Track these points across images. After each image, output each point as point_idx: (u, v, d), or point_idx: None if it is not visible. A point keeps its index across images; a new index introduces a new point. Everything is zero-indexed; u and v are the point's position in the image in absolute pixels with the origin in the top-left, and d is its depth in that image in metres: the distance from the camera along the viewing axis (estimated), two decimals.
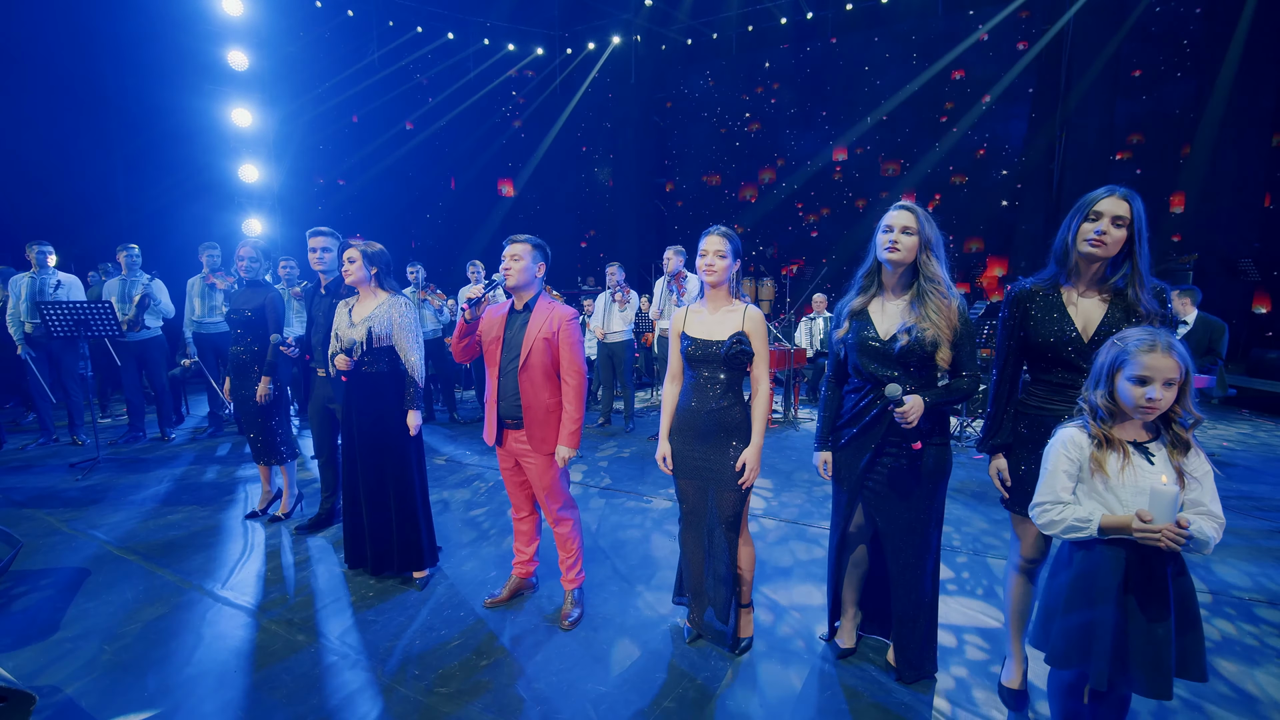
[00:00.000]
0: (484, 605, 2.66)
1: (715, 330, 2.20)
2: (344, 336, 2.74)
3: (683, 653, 2.33)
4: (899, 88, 11.25)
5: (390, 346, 2.74)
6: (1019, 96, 10.51)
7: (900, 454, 2.05)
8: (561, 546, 2.58)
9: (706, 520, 2.32)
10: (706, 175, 13.49)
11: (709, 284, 2.24)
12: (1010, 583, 2.09)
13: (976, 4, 10.43)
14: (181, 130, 8.87)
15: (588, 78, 13.43)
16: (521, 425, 2.42)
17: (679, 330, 2.30)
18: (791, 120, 12.52)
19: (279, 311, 3.45)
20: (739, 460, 2.18)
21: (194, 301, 5.27)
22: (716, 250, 2.18)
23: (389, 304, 2.75)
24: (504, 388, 2.43)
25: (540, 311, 2.43)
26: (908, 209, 2.00)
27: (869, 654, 2.33)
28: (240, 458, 4.93)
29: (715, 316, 2.23)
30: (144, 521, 3.61)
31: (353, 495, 2.85)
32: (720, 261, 2.18)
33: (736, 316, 2.20)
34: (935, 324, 1.94)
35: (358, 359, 2.70)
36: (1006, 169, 10.88)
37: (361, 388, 2.75)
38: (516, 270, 2.39)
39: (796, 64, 12.35)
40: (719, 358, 2.17)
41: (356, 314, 2.77)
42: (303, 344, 3.37)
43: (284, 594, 2.76)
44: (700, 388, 2.22)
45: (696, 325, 2.25)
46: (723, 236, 2.20)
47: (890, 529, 2.11)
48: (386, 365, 2.75)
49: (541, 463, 2.44)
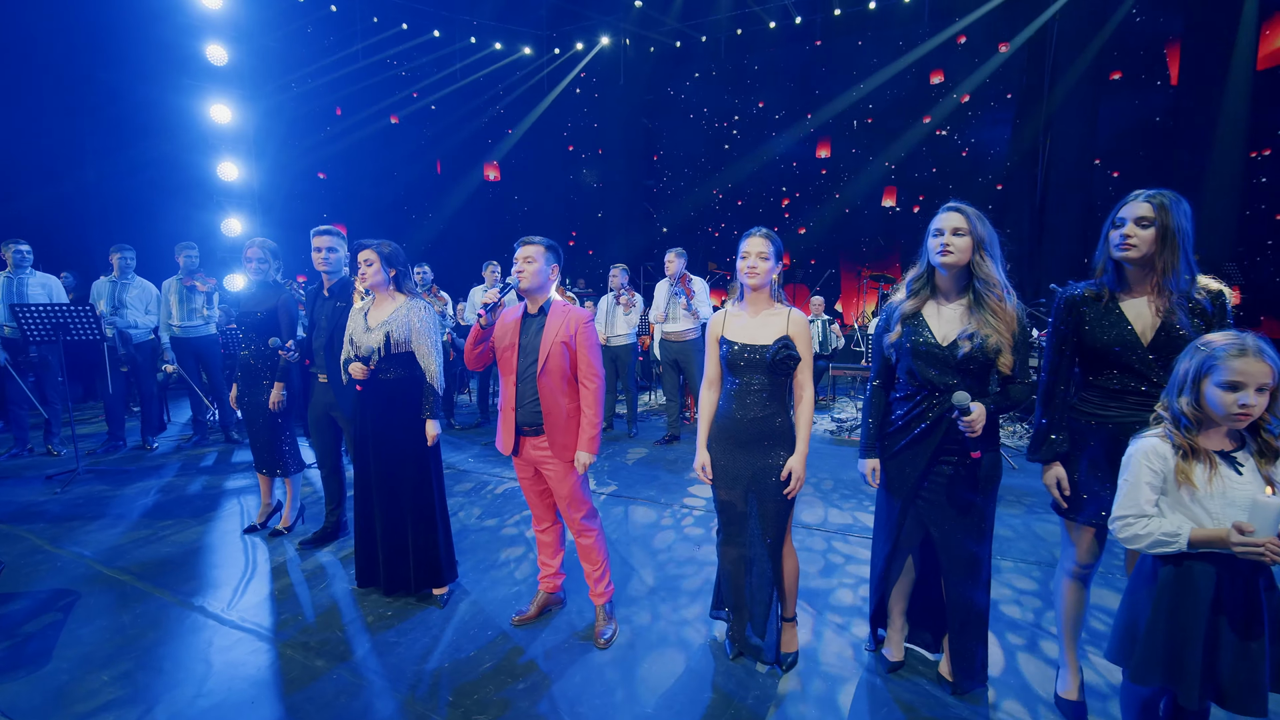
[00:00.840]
0: (512, 623, 2.54)
1: (758, 334, 2.12)
2: (360, 342, 2.60)
3: (726, 670, 2.25)
4: (885, 91, 11.40)
5: (409, 353, 2.61)
6: (1003, 102, 10.70)
7: (957, 462, 2.00)
8: (587, 559, 2.47)
9: (747, 532, 2.24)
10: (695, 177, 13.47)
11: (750, 286, 2.16)
12: (1063, 590, 2.05)
13: (963, 11, 10.58)
14: (157, 127, 8.53)
15: (576, 78, 13.33)
16: (541, 432, 2.32)
17: (717, 335, 2.22)
18: (779, 123, 12.58)
19: (292, 315, 3.28)
20: (785, 469, 2.10)
21: (171, 305, 5.02)
22: (759, 252, 2.11)
23: (408, 307, 2.61)
24: (522, 394, 2.33)
25: (556, 314, 2.33)
26: (957, 210, 1.95)
27: (917, 666, 2.27)
28: (230, 467, 4.71)
29: (757, 320, 2.15)
30: (133, 537, 3.40)
31: (366, 509, 2.71)
32: (763, 264, 2.11)
33: (780, 320, 2.12)
34: (996, 328, 1.88)
35: (375, 366, 2.56)
36: (991, 173, 11.06)
37: (377, 396, 2.61)
38: (530, 273, 2.29)
39: (785, 67, 12.41)
40: (763, 363, 2.09)
41: (373, 318, 2.63)
42: (303, 348, 3.20)
43: (296, 615, 2.60)
44: (742, 394, 2.14)
45: (737, 329, 2.17)
46: (764, 238, 2.12)
47: (945, 538, 2.05)
48: (405, 372, 2.62)
49: (562, 470, 2.34)
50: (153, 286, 5.10)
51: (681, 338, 5.06)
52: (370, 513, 2.69)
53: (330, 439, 3.24)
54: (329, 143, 11.06)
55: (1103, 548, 1.95)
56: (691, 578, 2.96)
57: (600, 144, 13.83)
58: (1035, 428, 2.02)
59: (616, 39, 12.70)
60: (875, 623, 2.34)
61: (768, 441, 2.13)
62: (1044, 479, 1.99)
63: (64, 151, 8.50)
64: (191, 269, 5.00)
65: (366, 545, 2.73)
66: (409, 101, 12.21)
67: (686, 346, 5.06)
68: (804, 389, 2.14)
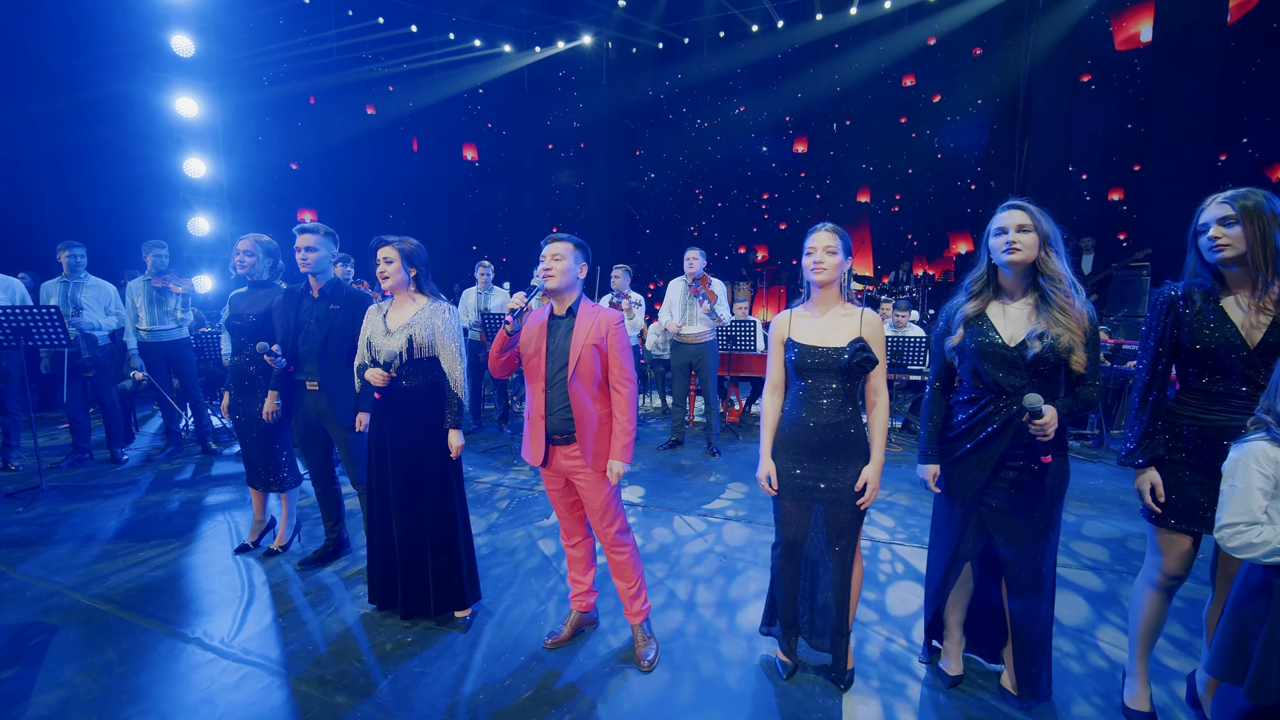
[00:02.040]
0: (545, 647, 2.36)
1: (829, 336, 2.01)
2: (380, 347, 2.40)
3: (784, 691, 2.12)
4: (865, 95, 11.55)
5: (432, 358, 2.42)
6: (983, 106, 10.91)
7: (1023, 467, 1.92)
8: (621, 575, 2.32)
9: (808, 544, 2.13)
10: (676, 177, 13.42)
11: (818, 283, 2.04)
12: (1144, 599, 1.98)
13: (942, 18, 10.76)
14: (119, 120, 8.05)
15: (557, 77, 13.15)
16: (573, 440, 2.17)
17: (783, 336, 2.10)
18: (760, 125, 12.64)
19: (286, 318, 3.04)
20: (860, 479, 2.00)
21: (138, 308, 4.68)
22: (825, 246, 2.00)
23: (430, 309, 2.43)
24: (551, 401, 2.17)
25: (585, 316, 2.18)
26: (1020, 207, 1.88)
27: (976, 679, 2.18)
28: (211, 480, 4.40)
29: (827, 320, 2.04)
30: (112, 561, 3.11)
31: (383, 527, 2.50)
32: (830, 258, 1.99)
33: (853, 321, 2.01)
34: (1067, 326, 1.81)
35: (395, 372, 2.37)
36: (969, 176, 11.27)
37: (397, 404, 2.42)
38: (559, 271, 2.14)
39: (767, 70, 12.47)
40: (837, 367, 1.97)
41: (393, 320, 2.44)
42: (288, 353, 2.95)
43: (307, 645, 2.38)
44: (812, 400, 2.02)
45: (806, 331, 2.05)
46: (831, 232, 2.01)
47: (1011, 546, 1.97)
48: (426, 378, 2.43)
49: (595, 480, 2.19)
50: (110, 286, 4.73)
51: (698, 340, 4.93)
52: (388, 530, 2.49)
53: (323, 450, 3.00)
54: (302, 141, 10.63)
55: (1194, 558, 1.88)
56: (727, 591, 2.83)
57: (581, 143, 13.67)
58: (1129, 430, 1.95)
59: (599, 39, 12.56)
60: (931, 634, 2.25)
61: (840, 449, 2.02)
62: (1137, 483, 1.91)
63: (16, 144, 7.94)
64: (161, 269, 4.67)
65: (384, 565, 2.52)
66: (385, 95, 11.85)
67: (702, 349, 4.94)
68: (879, 394, 2.03)
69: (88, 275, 4.62)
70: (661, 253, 13.35)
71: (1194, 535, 1.84)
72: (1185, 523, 1.81)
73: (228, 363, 3.16)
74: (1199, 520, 1.80)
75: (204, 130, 8.77)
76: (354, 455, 2.85)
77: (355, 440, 2.84)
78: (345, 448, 2.85)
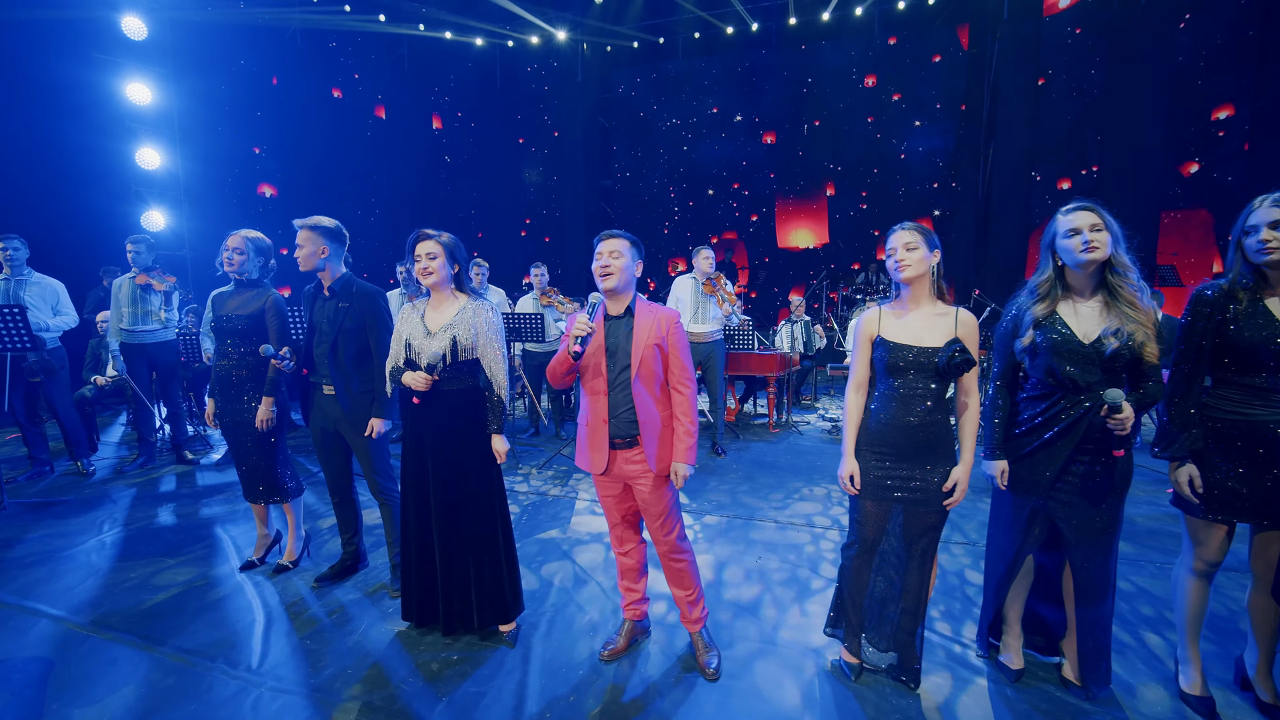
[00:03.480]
0: (601, 658, 2.27)
1: (923, 335, 1.99)
2: (421, 349, 2.25)
3: (859, 694, 2.09)
4: (836, 97, 11.80)
5: (474, 360, 2.30)
6: (950, 110, 11.27)
7: (1091, 460, 1.95)
8: (680, 583, 2.25)
9: (883, 544, 2.11)
10: (650, 176, 13.40)
11: (903, 281, 2.02)
12: (1187, 587, 2.05)
13: (911, 25, 11.07)
14: (65, 106, 7.44)
15: (530, 72, 12.93)
16: (635, 444, 2.10)
17: (871, 334, 2.07)
18: (734, 126, 12.75)
19: (282, 319, 2.84)
20: (950, 479, 1.99)
21: (122, 306, 4.34)
22: (905, 244, 1.97)
23: (472, 308, 2.30)
24: (614, 404, 2.09)
25: (644, 314, 2.11)
26: (1089, 208, 1.90)
27: (1037, 672, 2.21)
28: (196, 493, 4.10)
29: (919, 319, 2.01)
30: (103, 584, 2.84)
31: (422, 539, 2.36)
32: (911, 254, 1.97)
33: (948, 321, 1.99)
34: (1139, 322, 1.85)
35: (439, 376, 2.23)
36: (937, 181, 11.63)
37: (438, 410, 2.28)
38: (617, 269, 2.06)
39: (740, 71, 12.58)
40: (933, 367, 1.95)
41: (433, 320, 2.30)
42: (301, 355, 2.77)
43: (344, 669, 2.22)
44: (903, 399, 2.00)
45: (897, 329, 2.03)
46: (910, 230, 1.99)
47: (1079, 538, 2.00)
48: (468, 382, 2.31)
49: (657, 485, 2.13)
50: (56, 283, 4.32)
51: (707, 338, 4.89)
52: (427, 542, 2.35)
53: (341, 459, 2.82)
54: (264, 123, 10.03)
55: (1230, 545, 1.95)
56: (775, 592, 2.80)
57: (554, 139, 13.49)
58: (1164, 424, 2.00)
59: (573, 36, 12.41)
60: (992, 629, 2.27)
61: (929, 449, 2.00)
62: (1175, 475, 1.96)
63: None
64: (144, 265, 4.32)
65: (423, 580, 2.37)
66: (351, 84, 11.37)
67: (711, 348, 4.90)
68: (970, 394, 2.02)
69: (31, 271, 4.21)
70: None
71: (1230, 524, 1.92)
72: (1226, 514, 1.89)
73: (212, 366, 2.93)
74: (1239, 511, 1.88)
75: (158, 118, 8.24)
76: (375, 464, 2.69)
77: (376, 448, 2.68)
78: (365, 456, 2.68)
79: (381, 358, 2.56)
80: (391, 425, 2.64)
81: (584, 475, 4.48)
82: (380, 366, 2.55)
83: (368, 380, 2.62)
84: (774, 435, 5.91)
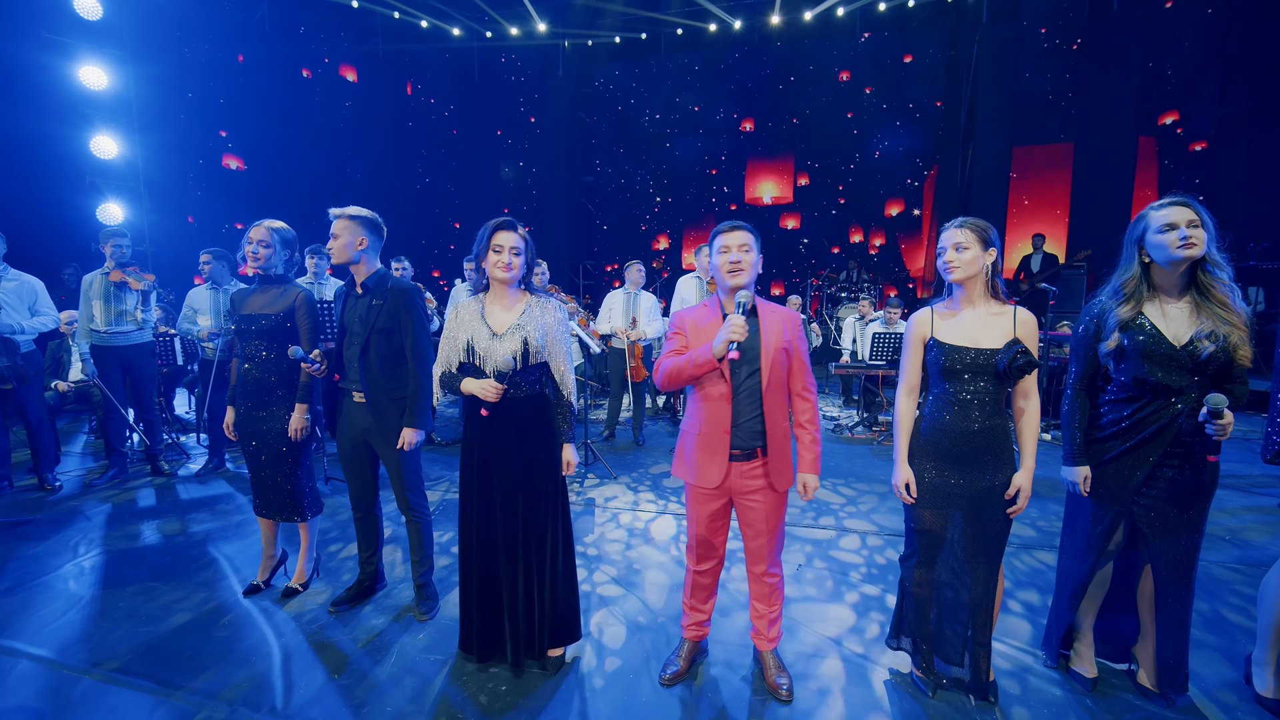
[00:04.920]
0: (663, 683, 2.12)
1: (980, 336, 1.90)
2: (487, 352, 2.04)
3: (939, 712, 2.00)
4: (818, 97, 11.87)
5: (543, 364, 2.12)
6: (931, 111, 11.44)
7: (1179, 466, 1.89)
8: (766, 600, 2.12)
9: (944, 553, 2.02)
10: (632, 172, 13.26)
11: (955, 282, 1.93)
12: (1276, 589, 2.01)
13: (891, 26, 11.19)
14: (13, 89, 6.86)
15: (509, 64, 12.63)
16: (754, 456, 1.95)
17: (924, 336, 1.97)
18: (716, 123, 12.71)
19: (313, 317, 2.60)
20: (1012, 486, 1.91)
21: (93, 306, 3.97)
22: (956, 243, 1.89)
23: (539, 307, 2.12)
24: (739, 411, 1.93)
25: (770, 316, 1.97)
26: (1184, 203, 1.83)
27: (1110, 679, 2.16)
28: (180, 507, 3.77)
29: (975, 319, 1.92)
30: (89, 616, 2.55)
31: (486, 561, 2.13)
32: (961, 255, 1.88)
33: (1005, 321, 1.90)
34: (1232, 324, 1.80)
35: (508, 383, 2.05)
36: (917, 180, 11.81)
37: (507, 420, 2.08)
38: (748, 265, 1.92)
39: (723, 69, 12.54)
40: (991, 369, 1.87)
41: (497, 320, 2.09)
42: (331, 359, 2.55)
43: (381, 705, 2.01)
44: (961, 404, 1.91)
45: (951, 331, 1.93)
46: (962, 228, 1.90)
47: (1164, 544, 1.95)
48: (535, 388, 2.13)
49: (775, 501, 1.99)
50: (35, 281, 3.96)
51: None
52: (494, 567, 2.12)
53: (368, 471, 2.60)
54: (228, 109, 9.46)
55: None
56: (813, 604, 2.69)
57: (534, 133, 13.21)
58: (1273, 431, 1.96)
59: (554, 27, 12.15)
60: (1064, 637, 2.21)
61: (989, 455, 1.91)
62: None
63: None
64: (121, 261, 3.96)
65: (488, 608, 2.15)
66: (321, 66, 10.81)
67: None
68: (1029, 397, 1.94)
69: (7, 268, 3.83)
70: (619, 247, 13.10)
71: None
72: None
73: (232, 371, 2.68)
74: None
75: (115, 104, 7.67)
76: (408, 478, 2.47)
77: (410, 460, 2.47)
78: (397, 469, 2.46)
79: (418, 361, 2.35)
80: (424, 437, 2.43)
81: (595, 483, 4.32)
82: (419, 371, 2.34)
83: (400, 387, 2.40)
84: None
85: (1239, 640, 2.41)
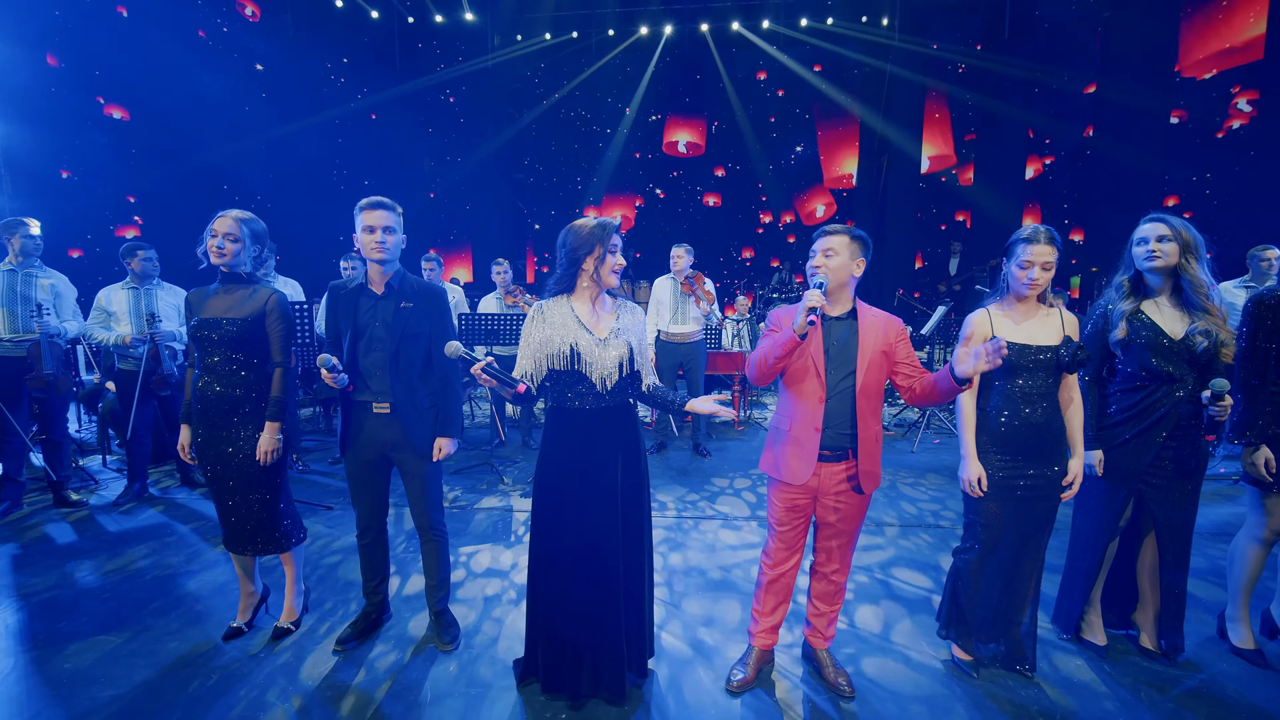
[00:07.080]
0: (730, 690, 2.09)
1: (1038, 335, 2.05)
2: (593, 360, 1.90)
3: (989, 691, 2.11)
4: (743, 101, 12.33)
5: (635, 371, 2.01)
6: (851, 120, 12.16)
7: (1179, 446, 2.14)
8: (831, 599, 2.16)
9: (1001, 543, 2.15)
10: (565, 172, 13.09)
11: (1031, 295, 2.06)
12: (1248, 554, 2.31)
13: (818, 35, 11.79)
14: None
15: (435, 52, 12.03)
16: (846, 458, 1.96)
17: (985, 336, 2.07)
18: (650, 125, 12.83)
19: (288, 322, 2.30)
20: (1070, 473, 2.08)
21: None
22: (1044, 262, 1.99)
23: (629, 311, 2.02)
24: (831, 413, 1.93)
25: (870, 319, 1.97)
26: (1161, 220, 2.12)
27: (1116, 644, 2.38)
28: (110, 540, 3.23)
29: (1033, 319, 2.08)
30: (25, 693, 2.10)
31: (565, 588, 1.95)
32: (1045, 274, 2.00)
33: (1055, 320, 2.08)
34: (1218, 324, 2.05)
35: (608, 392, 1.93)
36: (840, 186, 12.52)
37: (598, 432, 1.95)
38: (834, 268, 1.90)
39: (656, 71, 12.67)
40: (1051, 365, 2.02)
41: (598, 325, 1.94)
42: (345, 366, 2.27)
43: None
44: (1027, 398, 2.05)
45: (1011, 329, 2.06)
46: (1050, 246, 1.99)
47: (1168, 517, 2.20)
48: (630, 395, 2.03)
49: (859, 503, 2.02)
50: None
51: (688, 339, 4.77)
52: (570, 591, 1.95)
53: (381, 489, 2.35)
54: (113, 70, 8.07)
55: None
56: None
57: (463, 128, 12.66)
58: (1241, 414, 2.22)
59: (482, 16, 11.71)
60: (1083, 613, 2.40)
61: (1049, 445, 2.07)
62: (1251, 458, 2.19)
63: None
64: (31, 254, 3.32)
65: (560, 636, 1.97)
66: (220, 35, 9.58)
67: (693, 349, 4.79)
68: (1075, 389, 2.11)
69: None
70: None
71: None
72: None
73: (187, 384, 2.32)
74: None
75: None
76: (432, 494, 2.28)
77: (433, 474, 2.26)
78: (422, 484, 2.25)
79: (443, 365, 2.16)
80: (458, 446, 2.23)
81: None
82: (453, 378, 2.14)
83: (432, 394, 2.20)
84: (740, 432, 5.96)
85: (1200, 601, 2.72)
